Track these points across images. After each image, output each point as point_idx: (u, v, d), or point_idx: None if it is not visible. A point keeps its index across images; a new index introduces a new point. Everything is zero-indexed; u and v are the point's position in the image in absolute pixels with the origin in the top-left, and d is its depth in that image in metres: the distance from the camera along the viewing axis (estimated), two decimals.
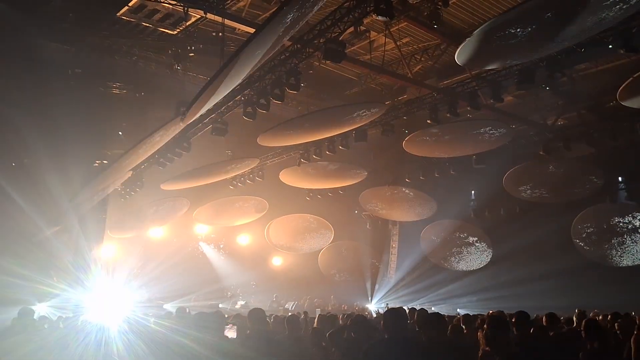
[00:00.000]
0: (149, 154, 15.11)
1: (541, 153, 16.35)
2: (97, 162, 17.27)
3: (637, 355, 5.73)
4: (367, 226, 24.89)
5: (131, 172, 16.65)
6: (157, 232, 22.45)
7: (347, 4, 10.28)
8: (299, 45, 11.52)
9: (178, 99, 13.44)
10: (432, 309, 19.93)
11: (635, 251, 18.20)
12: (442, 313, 6.87)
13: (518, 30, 9.41)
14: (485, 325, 4.61)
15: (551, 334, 7.11)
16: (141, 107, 16.06)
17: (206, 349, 5.72)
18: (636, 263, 18.02)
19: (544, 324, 7.35)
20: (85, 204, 16.46)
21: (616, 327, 6.93)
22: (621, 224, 18.57)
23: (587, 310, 10.33)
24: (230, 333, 6.04)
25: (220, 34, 12.98)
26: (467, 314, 9.96)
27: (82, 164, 16.89)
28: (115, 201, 18.85)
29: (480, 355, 4.75)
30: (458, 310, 19.10)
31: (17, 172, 16.75)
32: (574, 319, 9.22)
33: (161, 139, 13.45)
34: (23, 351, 6.20)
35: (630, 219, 18.40)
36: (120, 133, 17.12)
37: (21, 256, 15.79)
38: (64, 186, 15.80)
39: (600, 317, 9.60)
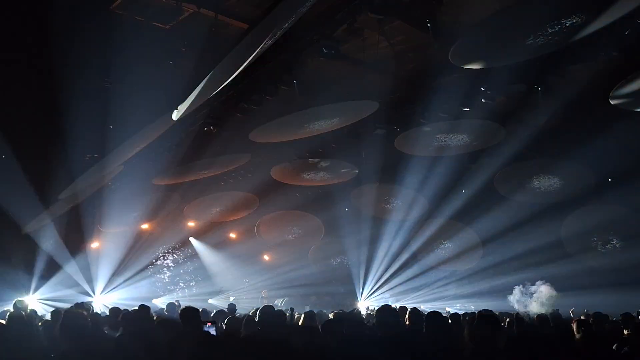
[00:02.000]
0: (140, 149, 15.05)
1: (531, 153, 16.42)
2: (88, 156, 17.16)
3: None
4: (358, 224, 24.90)
5: (122, 166, 16.57)
6: (148, 227, 22.36)
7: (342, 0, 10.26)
8: (292, 41, 11.49)
9: (170, 94, 13.38)
10: (422, 307, 19.98)
11: None
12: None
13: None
14: (473, 323, 4.62)
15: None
16: (133, 101, 15.95)
17: None
18: None
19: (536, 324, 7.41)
20: (76, 197, 16.37)
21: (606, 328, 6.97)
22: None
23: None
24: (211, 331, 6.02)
25: (213, 29, 12.90)
26: (457, 313, 10.01)
27: (73, 157, 16.81)
28: (106, 195, 18.75)
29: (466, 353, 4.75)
30: (447, 309, 19.16)
31: (6, 164, 16.64)
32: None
33: (153, 134, 13.40)
34: None
35: None
36: (111, 127, 17.02)
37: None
38: (54, 180, 15.72)
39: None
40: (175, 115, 11.64)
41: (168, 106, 12.42)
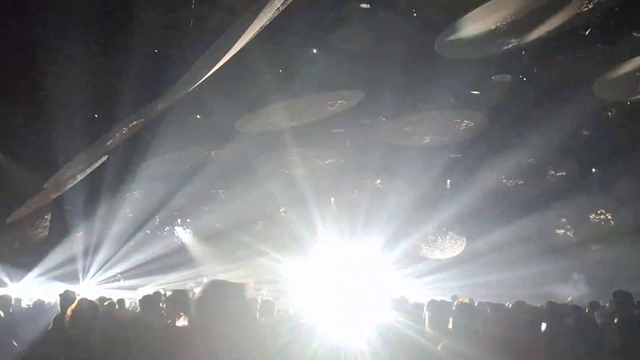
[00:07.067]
0: (126, 138, 14.95)
1: (517, 143, 16.47)
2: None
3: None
4: (344, 214, 24.87)
5: (108, 156, 16.45)
6: (130, 214, 22.20)
7: None
8: (277, 30, 11.44)
9: (155, 82, 13.25)
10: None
11: None
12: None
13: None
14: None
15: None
16: (119, 90, 15.83)
17: None
18: None
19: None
20: (63, 185, 16.28)
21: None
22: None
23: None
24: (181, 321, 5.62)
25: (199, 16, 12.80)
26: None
27: (59, 146, 16.70)
28: (92, 184, 18.58)
29: None
30: (433, 297, 19.19)
31: None
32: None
33: (138, 123, 13.31)
34: None
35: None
36: (95, 115, 16.88)
37: None
38: (41, 167, 15.60)
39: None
40: (160, 104, 11.58)
41: (153, 94, 12.33)
